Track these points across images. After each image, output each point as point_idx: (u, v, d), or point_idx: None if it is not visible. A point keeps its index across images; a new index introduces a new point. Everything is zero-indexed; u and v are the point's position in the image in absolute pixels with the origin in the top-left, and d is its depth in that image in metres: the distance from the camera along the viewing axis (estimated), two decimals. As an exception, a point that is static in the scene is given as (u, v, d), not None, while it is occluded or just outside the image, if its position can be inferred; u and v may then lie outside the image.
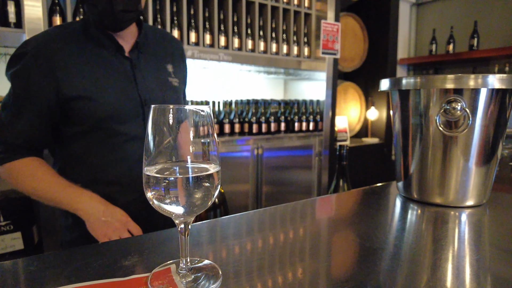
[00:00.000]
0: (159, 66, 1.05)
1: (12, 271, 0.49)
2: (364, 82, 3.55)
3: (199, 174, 0.42)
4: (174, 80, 1.07)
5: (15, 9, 1.62)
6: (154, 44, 1.07)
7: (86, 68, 0.92)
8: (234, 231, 0.65)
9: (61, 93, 0.90)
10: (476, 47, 3.34)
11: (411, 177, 0.81)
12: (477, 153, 0.73)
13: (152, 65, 1.04)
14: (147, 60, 1.03)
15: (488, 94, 0.69)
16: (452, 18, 3.64)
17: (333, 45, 2.73)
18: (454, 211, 0.74)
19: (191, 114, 0.43)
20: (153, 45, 1.06)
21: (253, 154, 2.39)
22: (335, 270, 0.51)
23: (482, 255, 0.54)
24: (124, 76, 0.97)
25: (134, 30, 1.02)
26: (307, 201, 0.85)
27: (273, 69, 2.67)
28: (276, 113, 2.56)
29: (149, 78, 1.01)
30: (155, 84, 1.02)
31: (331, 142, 2.83)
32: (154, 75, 1.03)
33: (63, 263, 0.51)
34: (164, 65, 1.07)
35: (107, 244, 0.57)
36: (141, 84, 0.99)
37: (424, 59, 3.70)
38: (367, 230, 0.64)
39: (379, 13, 3.42)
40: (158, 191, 0.42)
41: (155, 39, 1.08)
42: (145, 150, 0.43)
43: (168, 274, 0.46)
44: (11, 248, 1.74)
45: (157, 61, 1.06)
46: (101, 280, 0.45)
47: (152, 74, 1.03)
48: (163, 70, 1.06)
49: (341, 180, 1.26)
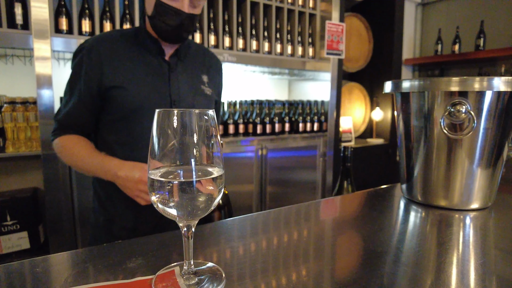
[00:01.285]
0: (194, 74, 1.15)
1: (18, 273, 0.49)
2: (369, 83, 3.54)
3: (203, 177, 0.43)
4: (207, 89, 1.16)
5: (22, 11, 1.64)
6: (194, 56, 1.19)
7: (128, 64, 1.05)
8: (237, 233, 0.65)
9: (102, 83, 1.02)
10: (482, 47, 3.31)
11: (415, 180, 0.81)
12: (482, 156, 0.72)
13: (188, 72, 1.14)
14: (185, 66, 1.13)
15: (493, 97, 0.69)
16: (458, 18, 3.61)
17: (337, 46, 2.72)
18: (458, 214, 0.74)
19: (195, 117, 0.43)
20: (193, 56, 1.18)
21: (257, 154, 2.39)
22: (338, 272, 0.51)
23: (487, 259, 0.54)
24: (160, 76, 1.08)
25: None
26: (311, 203, 0.85)
27: (278, 69, 2.67)
28: (281, 114, 2.56)
29: (182, 82, 1.11)
30: (187, 88, 1.11)
31: (336, 143, 2.83)
32: (188, 80, 1.12)
33: (68, 264, 0.51)
34: (200, 74, 1.17)
35: (112, 245, 0.58)
36: (173, 86, 1.08)
37: (430, 59, 3.68)
38: (371, 233, 0.64)
39: (384, 13, 3.40)
40: (162, 195, 0.42)
41: (196, 52, 1.20)
42: (150, 153, 0.43)
43: (172, 277, 0.46)
44: (18, 247, 1.75)
45: (194, 70, 1.16)
46: (106, 282, 0.45)
47: (186, 79, 1.12)
48: (197, 78, 1.15)
49: (345, 182, 1.26)
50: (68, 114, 1.06)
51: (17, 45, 1.63)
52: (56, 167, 1.70)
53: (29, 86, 1.97)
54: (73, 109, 1.05)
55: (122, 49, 1.06)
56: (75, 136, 1.07)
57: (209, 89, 1.17)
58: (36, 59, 1.61)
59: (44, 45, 1.62)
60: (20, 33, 1.62)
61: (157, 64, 1.08)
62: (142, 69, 1.06)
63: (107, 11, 1.85)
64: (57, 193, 1.72)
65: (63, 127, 1.07)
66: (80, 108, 1.05)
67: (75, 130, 1.08)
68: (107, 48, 1.04)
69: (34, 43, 1.60)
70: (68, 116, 1.06)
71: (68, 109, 1.05)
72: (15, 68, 1.95)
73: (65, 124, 1.07)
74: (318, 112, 2.75)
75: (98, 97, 1.04)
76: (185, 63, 1.14)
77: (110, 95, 1.03)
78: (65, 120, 1.06)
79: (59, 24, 1.74)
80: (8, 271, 0.49)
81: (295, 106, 2.64)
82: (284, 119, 2.54)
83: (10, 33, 1.60)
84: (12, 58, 1.88)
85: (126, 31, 1.11)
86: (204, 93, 1.15)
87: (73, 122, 1.07)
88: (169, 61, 1.10)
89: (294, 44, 2.59)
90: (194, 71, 1.16)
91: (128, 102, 1.02)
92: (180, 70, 1.11)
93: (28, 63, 1.90)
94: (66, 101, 1.07)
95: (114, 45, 1.05)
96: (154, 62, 1.08)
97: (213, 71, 1.23)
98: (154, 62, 1.08)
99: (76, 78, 1.04)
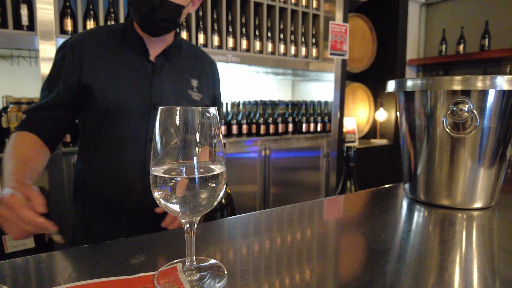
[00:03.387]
0: (182, 77, 1.09)
1: (23, 268, 0.50)
2: (373, 83, 3.53)
3: (205, 174, 0.43)
4: (195, 94, 1.11)
5: (28, 12, 1.66)
6: (185, 58, 1.13)
7: (109, 62, 1.00)
8: (240, 231, 0.65)
9: (81, 81, 0.98)
10: (487, 47, 3.29)
11: (418, 179, 0.81)
12: (485, 155, 0.72)
13: (175, 74, 1.08)
14: (172, 68, 1.08)
15: (496, 96, 0.68)
16: (462, 18, 3.59)
17: (341, 46, 2.72)
18: (461, 213, 0.74)
19: (197, 115, 0.43)
20: (184, 58, 1.12)
21: (260, 155, 2.39)
22: (341, 271, 0.51)
23: (489, 258, 0.54)
24: (142, 77, 1.03)
25: (169, 39, 1.09)
26: (314, 202, 0.85)
27: (281, 70, 2.67)
28: (284, 114, 2.56)
29: (166, 85, 1.05)
30: (171, 91, 1.06)
31: (339, 144, 2.82)
32: (173, 83, 1.07)
33: (72, 261, 0.52)
34: (189, 78, 1.11)
35: (116, 243, 0.58)
36: (156, 88, 1.03)
37: (434, 59, 3.66)
38: (373, 232, 0.64)
39: (388, 13, 3.40)
40: (164, 191, 0.43)
41: (188, 54, 1.14)
42: (153, 151, 0.43)
43: (174, 273, 0.46)
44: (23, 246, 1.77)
45: (182, 72, 1.10)
46: (109, 277, 0.46)
47: (172, 81, 1.07)
48: (185, 82, 1.10)
49: (349, 182, 1.26)
50: (40, 108, 0.99)
51: (23, 46, 1.65)
52: (61, 167, 1.71)
53: (34, 87, 1.98)
54: (47, 103, 0.99)
55: (107, 47, 1.02)
56: (30, 137, 0.96)
57: (198, 94, 1.11)
58: (41, 60, 1.63)
59: (49, 46, 1.64)
60: (25, 34, 1.64)
61: (140, 63, 1.03)
62: (123, 69, 1.01)
63: (111, 12, 1.87)
64: (62, 192, 1.73)
65: (29, 121, 0.99)
66: (56, 103, 0.99)
67: (42, 126, 0.99)
68: (91, 45, 1.00)
69: (39, 44, 1.62)
70: (40, 110, 0.99)
71: (41, 103, 0.99)
72: (20, 69, 1.97)
73: (32, 118, 0.99)
74: (322, 112, 2.75)
75: (78, 94, 0.99)
76: (173, 64, 1.09)
77: (89, 94, 0.99)
78: (35, 114, 0.99)
79: (64, 25, 1.75)
80: (13, 266, 0.50)
81: (298, 106, 2.64)
82: (287, 120, 2.54)
83: (16, 34, 1.62)
84: (18, 59, 1.90)
85: (114, 27, 1.07)
86: (191, 98, 1.09)
87: (43, 117, 0.99)
88: (155, 61, 1.05)
89: (298, 44, 2.59)
90: (183, 74, 1.10)
91: (107, 101, 0.98)
92: (166, 71, 1.06)
93: (33, 64, 1.92)
94: (43, 96, 1.01)
95: (99, 42, 1.01)
96: (137, 61, 1.03)
97: (206, 75, 1.17)
98: (137, 62, 1.03)
99: (56, 74, 0.99)
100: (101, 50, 1.01)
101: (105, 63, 1.00)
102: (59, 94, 0.99)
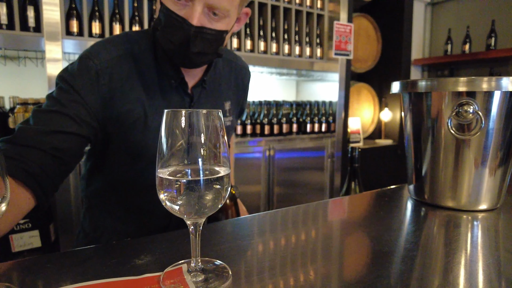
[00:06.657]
0: (216, 105, 0.96)
1: (29, 269, 0.50)
2: (377, 83, 3.52)
3: (210, 176, 0.43)
4: (227, 119, 1.00)
5: (34, 14, 1.68)
6: (219, 77, 0.97)
7: (143, 96, 0.83)
8: (245, 232, 0.65)
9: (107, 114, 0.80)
10: (493, 46, 3.26)
11: (422, 180, 0.81)
12: (490, 157, 0.72)
13: (210, 103, 0.94)
14: (207, 98, 0.94)
15: (501, 97, 0.68)
16: (468, 17, 3.56)
17: (346, 46, 2.72)
18: (466, 215, 0.74)
19: (202, 117, 0.44)
20: (218, 79, 0.97)
21: (265, 155, 2.40)
22: (345, 272, 0.52)
23: (495, 260, 0.54)
24: None
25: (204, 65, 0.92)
26: (318, 203, 0.85)
27: (286, 70, 2.67)
28: (288, 114, 2.56)
29: None
30: None
31: (344, 144, 2.82)
32: None
33: (78, 261, 0.52)
34: (223, 102, 0.98)
35: (121, 244, 0.59)
36: None
37: (439, 59, 3.64)
38: (378, 233, 0.64)
39: (393, 13, 3.38)
40: (170, 193, 0.43)
41: (223, 72, 0.99)
42: (158, 153, 0.44)
43: (179, 273, 0.47)
44: (29, 245, 1.78)
45: (217, 99, 0.97)
46: (115, 278, 0.47)
47: None
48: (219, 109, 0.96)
49: (353, 183, 1.25)
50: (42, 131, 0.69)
51: (29, 48, 1.66)
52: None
53: (41, 88, 2.01)
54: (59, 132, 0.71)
55: (138, 75, 0.82)
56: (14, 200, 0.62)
57: (229, 119, 1.00)
58: (47, 61, 1.64)
59: (55, 47, 1.65)
60: (32, 35, 1.66)
61: (177, 99, 0.87)
62: (158, 105, 0.84)
63: (116, 13, 1.88)
64: (67, 192, 1.74)
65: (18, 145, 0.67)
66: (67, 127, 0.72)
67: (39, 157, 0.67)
68: (122, 71, 0.80)
69: (46, 45, 1.63)
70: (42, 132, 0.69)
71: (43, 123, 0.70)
72: (27, 70, 1.99)
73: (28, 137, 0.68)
74: (326, 112, 2.75)
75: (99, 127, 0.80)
76: (209, 92, 0.94)
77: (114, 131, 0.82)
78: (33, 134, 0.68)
79: (70, 26, 1.77)
80: (21, 267, 0.51)
81: (303, 106, 2.64)
82: (292, 120, 2.54)
83: (22, 36, 1.64)
84: (24, 60, 1.92)
85: (143, 48, 0.85)
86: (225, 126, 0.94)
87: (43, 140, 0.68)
88: (192, 93, 0.89)
89: (302, 44, 2.59)
90: (217, 100, 0.96)
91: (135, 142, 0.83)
92: (202, 102, 0.92)
93: (40, 65, 1.94)
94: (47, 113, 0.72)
95: (130, 69, 0.82)
96: (174, 98, 0.86)
97: (237, 88, 1.04)
98: (174, 96, 0.86)
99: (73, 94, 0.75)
100: (133, 80, 0.82)
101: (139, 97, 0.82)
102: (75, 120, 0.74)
